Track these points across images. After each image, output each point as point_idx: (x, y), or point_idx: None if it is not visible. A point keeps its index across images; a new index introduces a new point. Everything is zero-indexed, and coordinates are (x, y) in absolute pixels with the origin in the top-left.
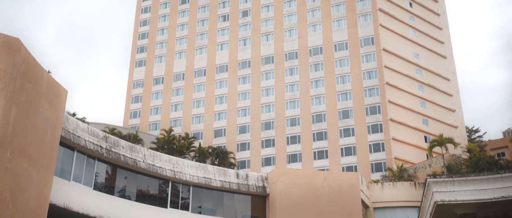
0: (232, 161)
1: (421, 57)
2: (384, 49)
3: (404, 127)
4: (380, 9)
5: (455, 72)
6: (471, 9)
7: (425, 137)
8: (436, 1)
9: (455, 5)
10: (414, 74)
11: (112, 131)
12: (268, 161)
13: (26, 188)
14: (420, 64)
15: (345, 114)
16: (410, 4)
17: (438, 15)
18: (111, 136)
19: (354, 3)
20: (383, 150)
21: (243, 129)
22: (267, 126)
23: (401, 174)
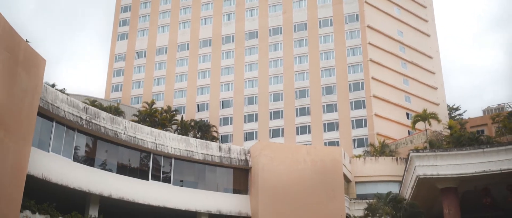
0: (215, 134)
1: (405, 34)
2: (368, 26)
3: (386, 104)
4: None
5: (438, 51)
6: None
7: (407, 114)
8: None
9: None
10: (397, 51)
11: (93, 103)
12: (250, 136)
13: (2, 158)
14: (404, 42)
15: (328, 90)
16: None
17: None
18: (91, 107)
19: None
20: (366, 125)
21: (226, 104)
22: (250, 100)
23: (382, 150)
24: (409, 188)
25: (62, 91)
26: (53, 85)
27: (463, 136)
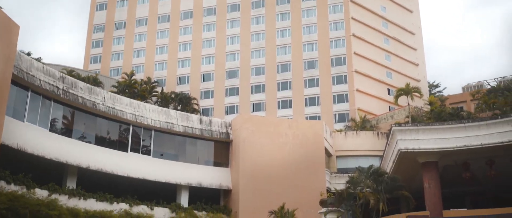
0: (196, 107)
1: (388, 10)
2: (351, 1)
3: (368, 79)
4: None
5: (420, 27)
6: None
7: (388, 89)
8: None
9: None
10: (380, 27)
11: (70, 73)
12: (231, 109)
13: None
14: (387, 18)
15: (310, 64)
16: None
17: None
18: (68, 77)
19: None
20: (347, 100)
21: (207, 77)
22: (232, 74)
23: (363, 125)
24: (390, 162)
25: (38, 60)
26: (28, 54)
27: (444, 111)
